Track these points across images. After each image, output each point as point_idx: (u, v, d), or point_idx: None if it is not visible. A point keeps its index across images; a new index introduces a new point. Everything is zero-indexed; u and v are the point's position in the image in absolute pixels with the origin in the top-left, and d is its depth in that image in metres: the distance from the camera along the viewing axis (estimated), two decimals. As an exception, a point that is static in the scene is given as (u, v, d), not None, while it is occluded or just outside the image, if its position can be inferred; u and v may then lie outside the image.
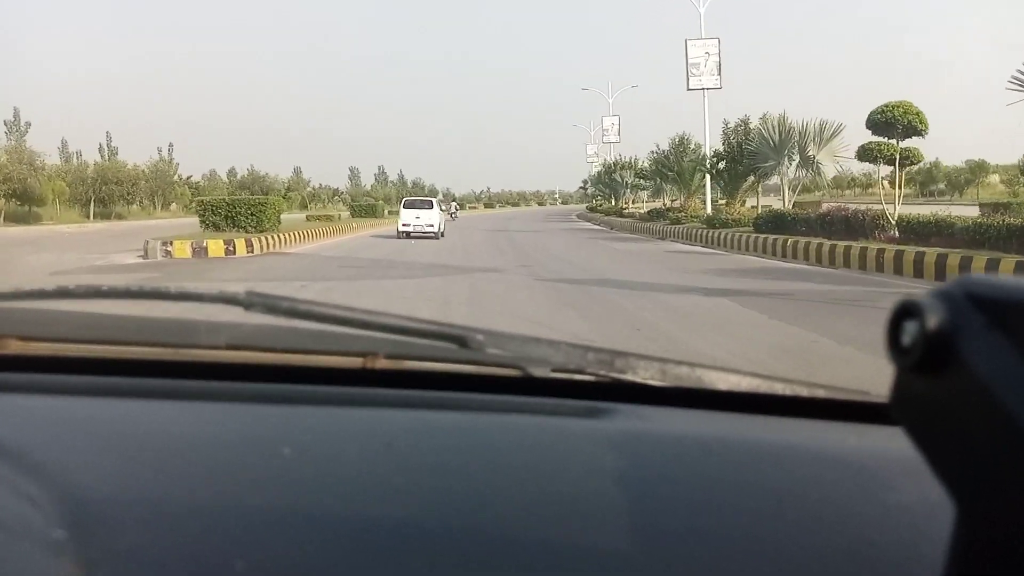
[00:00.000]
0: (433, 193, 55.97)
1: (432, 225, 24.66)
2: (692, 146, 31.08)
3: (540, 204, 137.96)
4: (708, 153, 26.82)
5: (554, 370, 0.74)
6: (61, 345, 0.83)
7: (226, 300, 0.75)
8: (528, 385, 0.74)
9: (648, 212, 33.93)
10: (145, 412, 0.70)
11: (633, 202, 45.33)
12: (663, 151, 32.86)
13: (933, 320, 0.32)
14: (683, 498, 0.57)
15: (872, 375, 3.42)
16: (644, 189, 42.76)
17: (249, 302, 0.73)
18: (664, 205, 34.40)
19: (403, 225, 24.77)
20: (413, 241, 22.77)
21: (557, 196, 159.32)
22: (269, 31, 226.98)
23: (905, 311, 0.34)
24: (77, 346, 0.82)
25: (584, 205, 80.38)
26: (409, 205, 25.66)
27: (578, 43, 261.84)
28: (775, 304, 8.57)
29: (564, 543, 0.50)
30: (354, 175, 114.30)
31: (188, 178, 66.20)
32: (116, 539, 0.49)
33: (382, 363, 0.76)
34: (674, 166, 30.01)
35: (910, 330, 0.33)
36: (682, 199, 30.59)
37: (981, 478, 0.31)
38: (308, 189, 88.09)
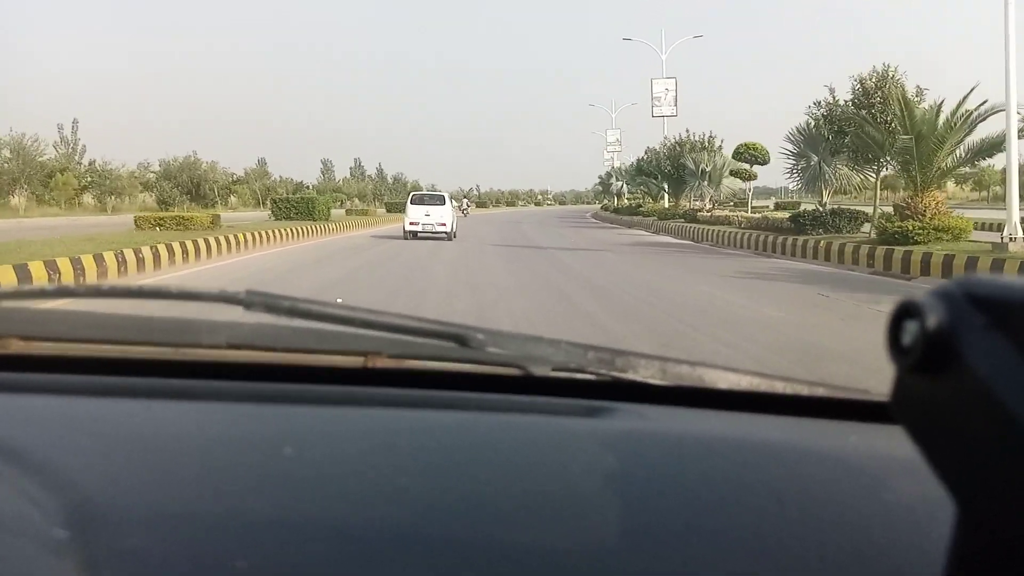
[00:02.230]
0: (416, 188, 43.73)
1: (444, 224, 21.96)
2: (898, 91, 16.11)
3: (537, 204, 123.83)
4: (1014, 88, 12.09)
5: (555, 369, 0.74)
6: (62, 345, 0.83)
7: (226, 299, 0.75)
8: (529, 384, 0.74)
9: (791, 217, 19.09)
10: (146, 412, 0.70)
11: (710, 200, 30.26)
12: (839, 101, 18.03)
13: (933, 320, 0.32)
14: (684, 497, 0.57)
15: None
16: (750, 179, 27.59)
17: (249, 301, 0.73)
18: (823, 204, 19.51)
19: (410, 224, 21.93)
20: (360, 276, 9.81)
21: (551, 196, 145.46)
22: (245, 20, 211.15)
23: (906, 311, 0.33)
24: (78, 345, 0.82)
25: (598, 205, 66.01)
26: (417, 201, 22.81)
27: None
28: None
29: (565, 542, 0.50)
30: (327, 167, 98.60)
31: (92, 163, 50.74)
32: (118, 539, 0.49)
33: (383, 362, 0.77)
34: (894, 129, 14.98)
35: (910, 330, 0.33)
36: (907, 194, 15.55)
37: (981, 478, 0.31)
38: (268, 180, 72.45)
